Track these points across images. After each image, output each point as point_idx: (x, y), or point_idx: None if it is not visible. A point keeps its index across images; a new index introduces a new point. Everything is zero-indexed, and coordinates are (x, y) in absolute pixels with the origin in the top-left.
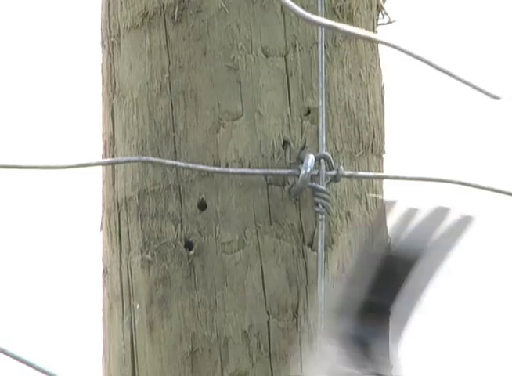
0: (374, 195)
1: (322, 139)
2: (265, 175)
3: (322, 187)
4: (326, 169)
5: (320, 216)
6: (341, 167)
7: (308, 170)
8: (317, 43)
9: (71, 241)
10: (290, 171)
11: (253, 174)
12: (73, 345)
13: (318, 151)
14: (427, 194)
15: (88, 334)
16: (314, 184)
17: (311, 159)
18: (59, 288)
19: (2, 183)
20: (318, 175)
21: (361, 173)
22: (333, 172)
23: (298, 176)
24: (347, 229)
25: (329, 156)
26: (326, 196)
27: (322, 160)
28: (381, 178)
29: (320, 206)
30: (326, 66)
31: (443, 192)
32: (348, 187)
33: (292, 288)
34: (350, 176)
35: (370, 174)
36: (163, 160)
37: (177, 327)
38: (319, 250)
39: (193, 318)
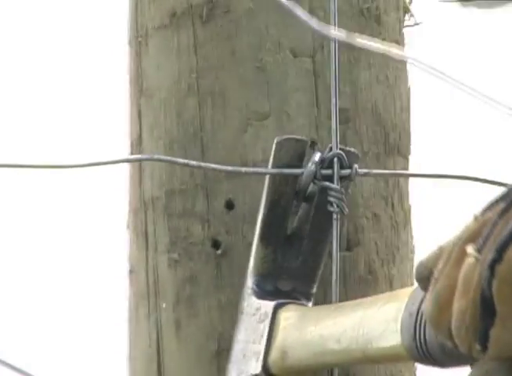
0: None
1: (336, 137)
2: (276, 174)
3: (336, 186)
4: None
5: (334, 215)
6: (355, 165)
7: (313, 167)
8: (345, 45)
9: (97, 241)
10: (300, 170)
11: (265, 173)
12: (98, 344)
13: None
14: (455, 194)
15: (113, 333)
16: (327, 183)
17: (317, 156)
18: (85, 287)
19: (30, 183)
20: (332, 174)
21: (375, 171)
22: (348, 171)
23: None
24: (373, 231)
25: (343, 154)
26: (339, 195)
27: (335, 159)
28: (397, 176)
29: (334, 205)
30: (353, 67)
31: (470, 191)
32: (375, 188)
33: (318, 288)
34: (364, 175)
35: (386, 171)
36: (175, 159)
37: (204, 327)
38: (334, 250)
39: (220, 317)
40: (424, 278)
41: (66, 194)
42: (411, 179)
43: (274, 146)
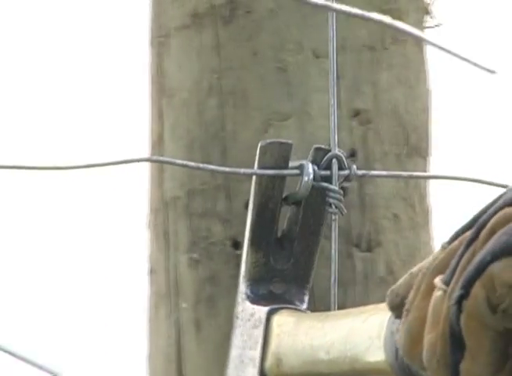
0: None
1: (334, 138)
2: (275, 176)
3: (335, 187)
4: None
5: (333, 217)
6: (354, 166)
7: (311, 176)
8: (366, 46)
9: (117, 240)
10: (296, 171)
11: (263, 174)
12: (118, 343)
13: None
14: (475, 196)
15: (133, 332)
16: (326, 184)
17: (310, 165)
18: (105, 287)
19: (50, 184)
20: (330, 175)
21: (373, 172)
22: (346, 172)
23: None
24: (393, 231)
25: (342, 155)
26: (338, 196)
27: (334, 160)
28: (395, 177)
29: (333, 207)
30: (374, 68)
31: (489, 192)
32: (395, 189)
33: (339, 289)
34: (363, 175)
35: (383, 172)
36: (173, 160)
37: (224, 326)
38: (333, 250)
39: None
40: (396, 306)
41: (88, 194)
42: (431, 180)
43: (258, 150)
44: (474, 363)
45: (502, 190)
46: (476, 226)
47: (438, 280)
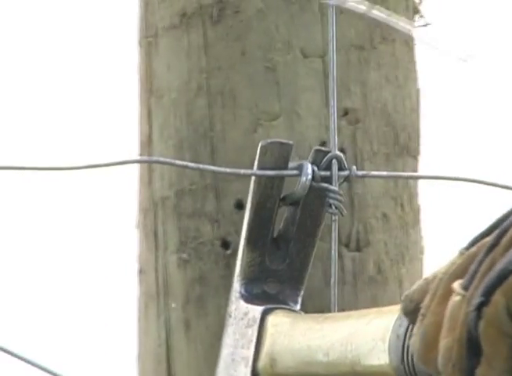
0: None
1: (334, 139)
2: (276, 176)
3: (335, 188)
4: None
5: (333, 217)
6: (354, 167)
7: (309, 177)
8: (355, 45)
9: (106, 241)
10: (295, 172)
11: (263, 175)
12: (107, 344)
13: (332, 150)
14: (462, 195)
15: (122, 333)
16: (326, 185)
17: (309, 165)
18: (93, 287)
19: (39, 184)
20: (330, 175)
21: (374, 172)
22: (346, 173)
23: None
24: (382, 231)
25: (342, 156)
26: (338, 197)
27: (334, 161)
28: (395, 177)
29: (333, 207)
30: (363, 67)
31: (479, 191)
32: (384, 189)
33: (328, 289)
34: (363, 176)
35: (383, 173)
36: (173, 161)
37: (213, 326)
38: (333, 251)
39: None
40: (411, 311)
41: (76, 194)
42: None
43: (258, 149)
44: (490, 370)
45: (495, 189)
46: (496, 233)
47: (456, 285)
